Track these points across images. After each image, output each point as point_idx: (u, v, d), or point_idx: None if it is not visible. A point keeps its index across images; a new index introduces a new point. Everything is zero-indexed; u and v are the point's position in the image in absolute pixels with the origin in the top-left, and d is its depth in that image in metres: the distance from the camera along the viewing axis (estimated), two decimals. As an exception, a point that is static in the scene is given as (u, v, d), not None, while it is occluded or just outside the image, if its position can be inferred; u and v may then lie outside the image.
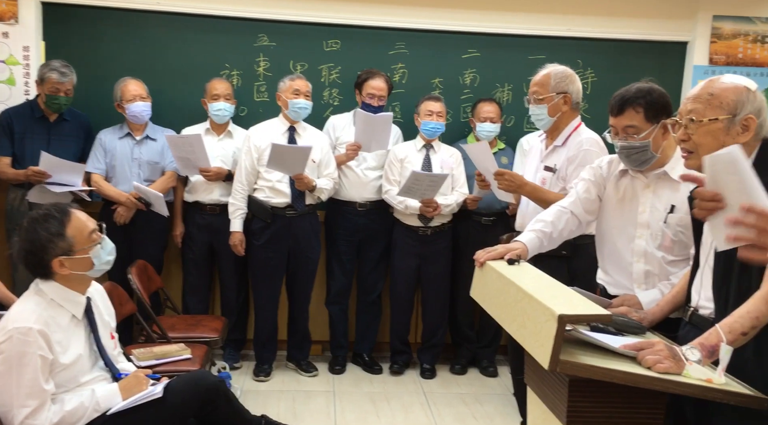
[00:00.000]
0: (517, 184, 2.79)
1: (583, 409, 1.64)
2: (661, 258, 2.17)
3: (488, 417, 3.51)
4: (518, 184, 2.79)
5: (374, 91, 3.80)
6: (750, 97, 1.73)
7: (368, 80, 3.82)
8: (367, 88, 3.82)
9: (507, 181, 2.80)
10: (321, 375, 3.96)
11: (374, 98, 3.81)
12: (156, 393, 2.25)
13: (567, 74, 2.84)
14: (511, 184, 2.80)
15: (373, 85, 3.81)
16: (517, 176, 2.81)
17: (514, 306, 1.79)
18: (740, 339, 1.61)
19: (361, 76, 3.88)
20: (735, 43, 4.22)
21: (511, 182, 2.79)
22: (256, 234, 3.76)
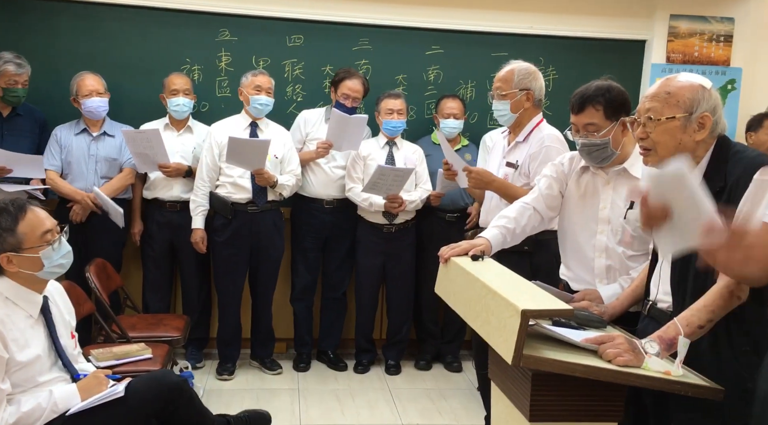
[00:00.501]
0: (486, 181, 2.81)
1: (546, 403, 1.66)
2: (622, 253, 2.21)
3: (453, 412, 3.53)
4: (486, 181, 2.81)
5: (349, 92, 3.78)
6: (705, 96, 1.76)
7: (345, 80, 3.80)
8: (343, 88, 3.79)
9: (475, 178, 2.82)
10: (285, 373, 3.93)
11: (348, 99, 3.78)
12: (117, 393, 2.21)
13: (530, 71, 2.87)
14: (479, 181, 2.82)
15: (350, 86, 3.78)
16: (485, 173, 2.83)
17: (478, 302, 1.80)
18: (697, 332, 1.65)
19: (339, 75, 3.85)
20: (691, 41, 4.32)
21: (479, 179, 2.81)
22: (217, 231, 3.71)
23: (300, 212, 3.97)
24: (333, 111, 3.72)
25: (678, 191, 1.41)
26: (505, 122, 2.93)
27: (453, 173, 3.10)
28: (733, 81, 4.33)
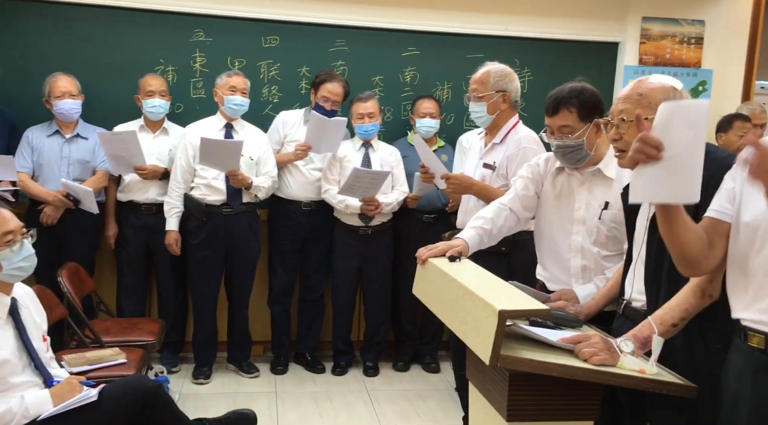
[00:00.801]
0: (465, 185, 2.82)
1: (523, 403, 1.67)
2: (597, 253, 2.23)
3: (431, 413, 3.54)
4: (466, 185, 2.82)
5: (329, 95, 3.76)
6: (677, 97, 1.79)
7: (326, 82, 3.78)
8: (323, 91, 3.77)
9: (455, 184, 2.82)
10: (263, 376, 3.90)
11: (328, 102, 3.77)
12: (91, 397, 2.18)
13: (506, 73, 2.89)
14: (459, 186, 2.83)
15: (330, 89, 3.76)
16: (464, 178, 2.84)
17: (455, 303, 1.80)
18: (671, 330, 1.68)
19: (320, 77, 3.83)
20: (663, 44, 4.38)
21: (458, 184, 2.82)
22: (192, 233, 3.68)
23: (277, 213, 3.95)
24: (312, 114, 3.71)
25: (688, 128, 1.37)
26: (481, 124, 2.95)
27: (430, 175, 3.10)
28: (704, 82, 4.41)
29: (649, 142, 1.38)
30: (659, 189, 1.42)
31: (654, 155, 1.39)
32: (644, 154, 1.40)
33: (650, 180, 1.41)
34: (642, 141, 1.40)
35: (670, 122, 1.39)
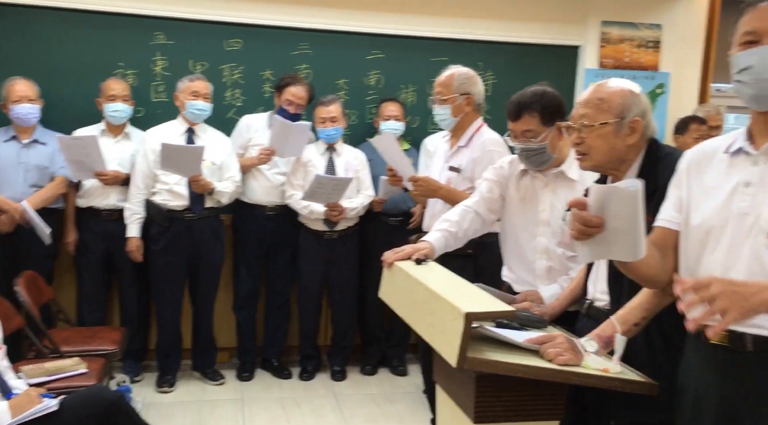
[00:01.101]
0: (432, 188, 2.82)
1: (490, 404, 1.67)
2: (561, 254, 2.26)
3: (399, 416, 3.54)
4: (433, 188, 2.82)
5: (293, 99, 3.74)
6: (635, 100, 1.82)
7: (289, 86, 3.76)
8: (287, 94, 3.75)
9: (422, 186, 2.83)
10: (228, 383, 3.86)
11: (292, 105, 3.75)
12: (51, 407, 2.13)
13: (470, 76, 2.91)
14: (426, 189, 2.83)
15: (293, 92, 3.75)
16: (431, 181, 2.84)
17: (422, 306, 1.80)
18: (633, 329, 1.70)
19: (284, 80, 3.81)
20: (622, 47, 4.47)
21: (426, 187, 2.82)
22: (154, 239, 3.62)
23: (242, 218, 3.91)
24: (275, 118, 3.68)
25: (623, 208, 1.42)
26: (446, 126, 2.96)
27: (398, 178, 3.11)
28: (662, 85, 4.51)
29: (587, 223, 1.44)
30: (605, 253, 1.50)
31: (594, 232, 1.45)
32: (584, 234, 1.46)
33: (596, 247, 1.49)
34: (580, 222, 1.45)
35: (605, 203, 1.45)
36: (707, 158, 1.56)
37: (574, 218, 1.46)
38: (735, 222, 1.44)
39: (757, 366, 1.42)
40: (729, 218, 1.45)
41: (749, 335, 1.42)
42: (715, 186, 1.51)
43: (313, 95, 3.84)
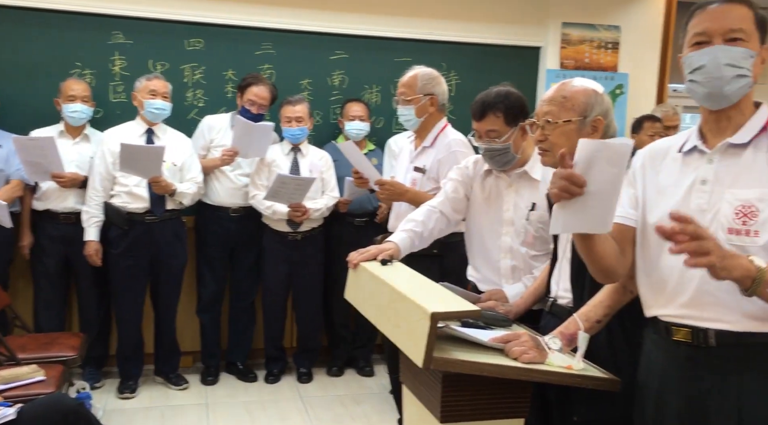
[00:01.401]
0: (398, 192, 2.83)
1: (456, 403, 1.68)
2: (525, 253, 2.28)
3: (365, 417, 3.53)
4: (399, 192, 2.82)
5: (255, 99, 3.71)
6: (598, 100, 1.85)
7: (251, 86, 3.72)
8: (249, 94, 3.72)
9: (388, 190, 2.82)
10: (192, 388, 3.80)
11: (254, 105, 3.71)
12: (8, 416, 2.07)
13: (433, 76, 2.91)
14: (392, 193, 2.83)
15: (255, 92, 3.71)
16: (397, 185, 2.84)
17: (388, 307, 1.80)
18: (595, 326, 1.73)
19: (246, 80, 3.77)
20: (582, 48, 4.54)
21: (392, 191, 2.82)
22: (113, 242, 3.54)
23: (205, 220, 3.85)
24: (237, 118, 3.64)
25: (610, 166, 1.40)
26: (410, 127, 2.97)
27: (364, 180, 3.10)
28: (621, 86, 4.59)
29: (574, 181, 1.41)
30: (577, 221, 1.45)
31: (577, 192, 1.41)
32: (568, 192, 1.42)
33: (570, 213, 1.44)
34: (567, 179, 1.41)
35: (594, 160, 1.41)
36: (661, 157, 1.60)
37: (559, 174, 1.42)
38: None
39: (721, 360, 1.45)
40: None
41: (712, 330, 1.45)
42: (671, 185, 1.54)
43: (276, 96, 3.81)
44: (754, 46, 1.45)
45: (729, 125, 1.49)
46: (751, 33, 1.45)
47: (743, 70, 1.44)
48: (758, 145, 1.46)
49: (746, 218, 1.41)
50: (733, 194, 1.43)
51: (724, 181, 1.46)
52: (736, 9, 1.45)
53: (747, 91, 1.47)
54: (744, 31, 1.44)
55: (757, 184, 1.42)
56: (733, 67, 1.43)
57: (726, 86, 1.44)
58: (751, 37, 1.45)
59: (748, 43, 1.44)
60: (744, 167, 1.45)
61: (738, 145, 1.47)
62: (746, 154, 1.46)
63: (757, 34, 1.46)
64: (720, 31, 1.44)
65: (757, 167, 1.44)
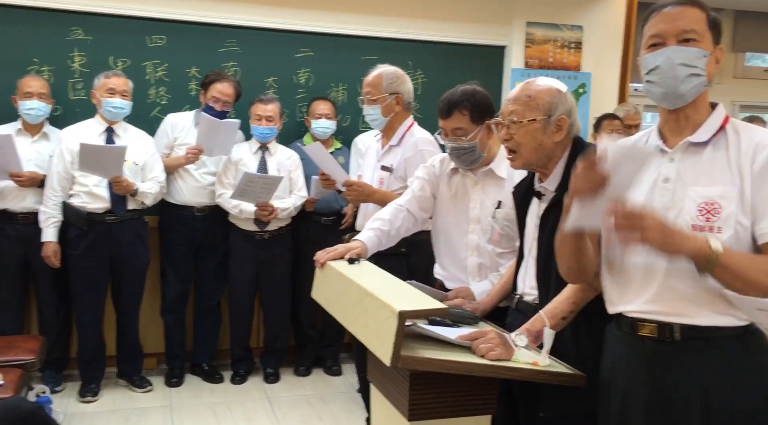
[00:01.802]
0: (366, 193, 2.82)
1: (424, 401, 1.68)
2: (491, 251, 2.29)
3: (333, 416, 3.52)
4: (367, 193, 2.82)
5: (219, 96, 3.66)
6: (562, 99, 1.88)
7: (215, 83, 3.67)
8: (213, 91, 3.66)
9: (356, 191, 2.82)
10: (156, 390, 3.74)
11: (218, 103, 3.66)
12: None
13: (398, 75, 2.91)
14: (360, 194, 2.82)
15: (219, 89, 3.66)
16: (365, 186, 2.84)
17: (355, 306, 1.79)
18: (561, 322, 1.75)
19: (209, 77, 3.71)
20: (546, 48, 4.59)
21: (360, 191, 2.81)
22: (72, 243, 3.46)
23: (169, 219, 3.79)
24: (203, 116, 3.59)
25: (633, 167, 1.40)
26: (376, 126, 2.96)
27: (331, 182, 3.09)
28: (584, 85, 4.65)
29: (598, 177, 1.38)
30: (589, 218, 1.45)
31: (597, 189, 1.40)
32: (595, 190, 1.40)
33: (586, 211, 1.44)
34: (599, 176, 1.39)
35: (621, 162, 1.40)
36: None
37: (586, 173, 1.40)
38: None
39: (686, 353, 1.48)
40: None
41: (677, 324, 1.48)
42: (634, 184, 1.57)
43: (239, 92, 3.77)
44: (707, 47, 1.49)
45: (687, 124, 1.53)
46: (703, 33, 1.48)
47: (697, 69, 1.47)
48: (717, 144, 1.50)
49: (709, 215, 1.45)
50: (696, 192, 1.47)
51: (686, 179, 1.49)
52: (689, 11, 1.49)
53: (702, 90, 1.50)
54: (697, 32, 1.48)
55: (718, 182, 1.46)
56: (687, 66, 1.47)
57: (681, 85, 1.48)
58: (703, 37, 1.48)
59: (701, 44, 1.48)
60: (705, 165, 1.48)
61: (698, 144, 1.51)
62: (706, 152, 1.50)
63: (709, 34, 1.49)
64: (673, 33, 1.48)
65: (718, 166, 1.47)
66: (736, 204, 1.43)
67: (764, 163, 1.43)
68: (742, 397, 1.46)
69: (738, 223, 1.43)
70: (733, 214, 1.43)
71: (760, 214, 1.42)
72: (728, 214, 1.43)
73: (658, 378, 1.51)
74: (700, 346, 1.47)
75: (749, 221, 1.43)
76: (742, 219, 1.43)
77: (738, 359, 1.46)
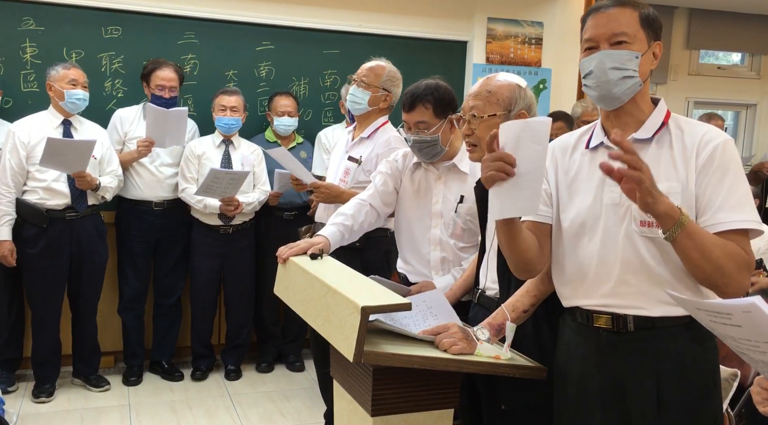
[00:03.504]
0: (334, 194, 2.79)
1: (387, 396, 1.68)
2: (454, 245, 2.31)
3: (296, 412, 3.50)
4: (335, 194, 2.79)
5: (164, 83, 3.58)
6: (522, 94, 1.90)
7: (156, 71, 3.59)
8: (156, 80, 3.58)
9: (324, 193, 2.79)
10: (114, 389, 3.66)
11: (165, 90, 3.58)
12: None
13: (397, 76, 2.88)
14: (328, 195, 2.80)
15: (162, 76, 3.58)
16: (332, 187, 2.81)
17: (318, 301, 1.78)
18: (522, 316, 1.77)
19: (148, 67, 3.63)
20: (507, 43, 4.63)
21: (328, 193, 2.79)
22: (29, 241, 3.35)
23: (127, 215, 3.71)
24: (148, 106, 3.50)
25: (535, 145, 1.41)
26: (355, 110, 2.89)
27: (303, 185, 3.07)
28: (544, 81, 4.71)
29: (507, 160, 1.41)
30: (512, 204, 1.45)
31: (511, 171, 1.41)
32: (503, 171, 1.41)
33: (504, 197, 1.45)
34: (498, 159, 1.42)
35: (519, 140, 1.42)
36: (569, 152, 1.65)
37: (490, 158, 1.43)
38: (607, 213, 1.54)
39: (639, 343, 1.52)
40: (602, 209, 1.55)
41: (630, 316, 1.52)
42: (582, 181, 1.60)
43: (182, 76, 3.71)
44: (641, 47, 1.50)
45: (631, 121, 1.56)
46: (635, 34, 1.50)
47: (629, 71, 1.49)
48: (660, 140, 1.53)
49: None
50: None
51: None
52: (620, 13, 1.50)
53: (637, 90, 1.52)
54: (627, 34, 1.49)
55: (663, 178, 1.47)
56: (619, 69, 1.49)
57: (614, 88, 1.50)
58: (635, 38, 1.50)
59: (633, 45, 1.49)
60: (650, 161, 1.46)
61: (642, 140, 1.53)
62: (650, 149, 1.53)
63: (643, 33, 1.51)
64: (605, 36, 1.50)
65: (663, 162, 1.50)
66: (680, 200, 1.45)
67: (708, 157, 1.46)
68: (691, 382, 1.52)
69: None
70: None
71: (709, 206, 1.45)
72: None
73: (613, 368, 1.55)
74: (652, 335, 1.51)
75: (692, 215, 1.45)
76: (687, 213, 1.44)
77: (686, 345, 1.51)
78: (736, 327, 1.15)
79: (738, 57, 6.10)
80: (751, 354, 1.20)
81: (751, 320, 1.10)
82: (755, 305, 1.08)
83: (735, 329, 1.15)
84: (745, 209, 1.44)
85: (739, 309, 1.11)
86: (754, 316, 1.09)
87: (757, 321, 1.10)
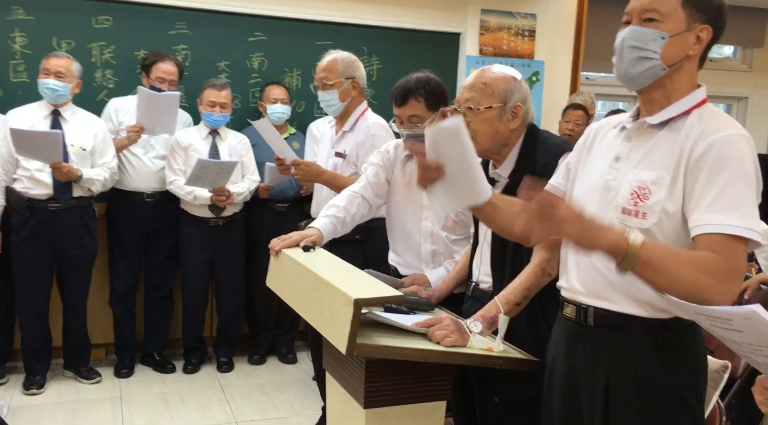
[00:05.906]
0: (314, 173, 2.79)
1: (380, 389, 1.68)
2: (445, 238, 2.31)
3: (288, 405, 3.50)
4: (314, 173, 2.79)
5: (164, 76, 3.56)
6: (517, 86, 1.88)
7: (157, 63, 3.57)
8: (156, 72, 3.56)
9: (303, 171, 2.78)
10: (106, 381, 3.64)
11: (164, 83, 3.56)
12: None
13: (352, 59, 2.89)
14: (308, 173, 2.79)
15: (164, 69, 3.56)
16: (313, 165, 2.80)
17: (310, 294, 1.78)
18: (515, 309, 1.77)
19: (149, 59, 3.61)
20: (500, 35, 4.61)
21: (308, 171, 2.78)
22: (14, 230, 3.33)
23: (118, 207, 3.68)
24: (139, 89, 3.46)
25: (452, 146, 1.50)
26: (332, 112, 2.92)
27: (287, 167, 3.05)
28: (537, 73, 4.70)
29: (429, 167, 1.51)
30: (454, 200, 1.59)
31: (438, 175, 1.51)
32: (429, 180, 1.52)
33: (444, 195, 1.58)
34: (423, 168, 1.52)
35: (437, 144, 1.54)
36: (604, 132, 1.58)
37: (418, 167, 1.54)
38: (599, 195, 1.49)
39: (597, 337, 1.48)
40: (596, 191, 1.49)
41: (592, 308, 1.47)
42: (598, 160, 1.54)
43: (182, 71, 3.69)
44: (674, 28, 1.38)
45: (654, 107, 1.44)
46: (669, 12, 1.37)
47: (648, 52, 1.38)
48: (673, 128, 1.41)
49: (638, 200, 1.40)
50: (635, 175, 1.42)
51: (633, 160, 1.44)
52: None
53: (659, 74, 1.40)
54: (659, 12, 1.38)
55: (655, 166, 1.39)
56: (637, 49, 1.39)
57: (630, 69, 1.41)
58: (668, 17, 1.38)
59: (662, 24, 1.38)
60: (652, 148, 1.42)
61: (654, 125, 1.43)
62: (659, 135, 1.42)
63: (682, 12, 1.38)
64: (637, 11, 1.41)
65: (661, 149, 1.40)
66: (666, 191, 1.36)
67: (704, 151, 1.33)
68: (643, 392, 1.41)
69: (663, 211, 1.36)
70: (660, 201, 1.36)
71: (698, 206, 1.32)
72: (655, 200, 1.37)
73: (574, 360, 1.53)
74: (610, 333, 1.45)
75: (677, 208, 1.35)
76: (669, 206, 1.36)
77: (645, 353, 1.41)
78: (737, 332, 1.13)
79: (730, 50, 6.11)
80: (754, 357, 1.18)
81: (753, 326, 1.09)
82: (756, 313, 1.06)
83: (736, 333, 1.13)
84: (736, 213, 1.28)
85: (739, 316, 1.09)
86: (755, 323, 1.08)
87: (758, 328, 1.09)
